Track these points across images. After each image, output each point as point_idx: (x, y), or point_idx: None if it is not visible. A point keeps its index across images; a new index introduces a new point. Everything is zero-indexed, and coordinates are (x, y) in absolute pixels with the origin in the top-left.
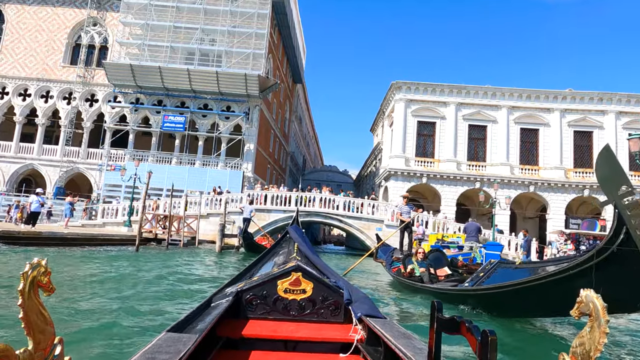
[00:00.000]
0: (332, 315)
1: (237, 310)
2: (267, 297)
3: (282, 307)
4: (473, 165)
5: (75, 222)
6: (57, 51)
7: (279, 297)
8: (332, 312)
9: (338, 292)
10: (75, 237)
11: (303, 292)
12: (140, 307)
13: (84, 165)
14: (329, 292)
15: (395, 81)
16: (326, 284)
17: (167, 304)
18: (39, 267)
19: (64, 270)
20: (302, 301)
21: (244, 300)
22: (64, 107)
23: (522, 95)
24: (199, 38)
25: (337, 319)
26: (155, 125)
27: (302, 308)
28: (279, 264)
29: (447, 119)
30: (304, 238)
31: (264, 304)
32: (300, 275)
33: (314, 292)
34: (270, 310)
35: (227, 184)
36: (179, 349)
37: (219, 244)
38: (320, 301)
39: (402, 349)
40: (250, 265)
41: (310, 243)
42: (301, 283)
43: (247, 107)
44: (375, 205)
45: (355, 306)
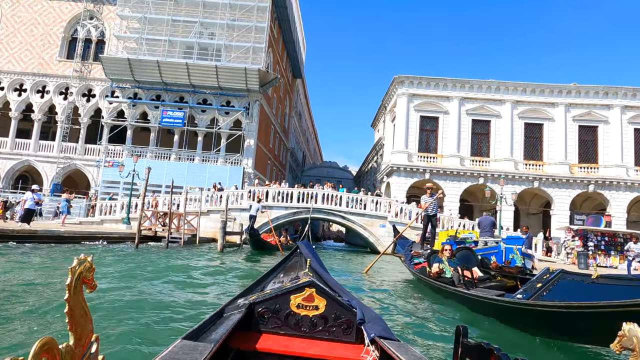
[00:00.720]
0: (344, 334)
1: (249, 322)
2: (279, 311)
3: (294, 323)
4: (476, 161)
5: (72, 219)
6: (53, 45)
7: (292, 312)
8: (344, 331)
9: (351, 311)
10: (72, 235)
11: (316, 309)
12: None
13: (81, 161)
14: (342, 310)
15: (398, 75)
16: (339, 301)
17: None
18: (85, 262)
19: (55, 268)
20: (314, 318)
21: (256, 312)
22: (61, 103)
23: (526, 89)
24: (197, 32)
25: (349, 339)
26: (154, 121)
27: (314, 325)
28: (292, 278)
29: (450, 114)
30: (315, 254)
31: (276, 317)
32: (314, 291)
33: (327, 309)
34: (282, 325)
35: (227, 180)
36: (195, 357)
37: (221, 242)
38: (332, 319)
39: None
40: (261, 278)
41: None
42: (314, 299)
43: (247, 102)
44: (378, 201)
45: (368, 326)
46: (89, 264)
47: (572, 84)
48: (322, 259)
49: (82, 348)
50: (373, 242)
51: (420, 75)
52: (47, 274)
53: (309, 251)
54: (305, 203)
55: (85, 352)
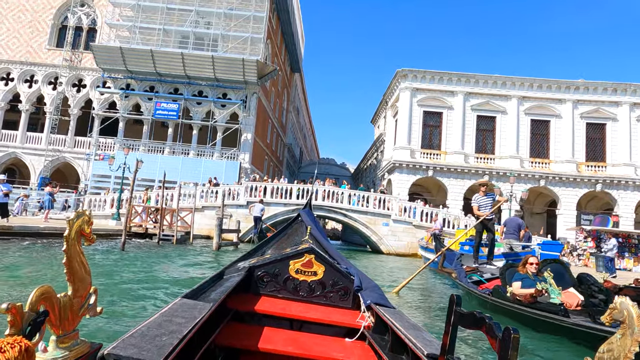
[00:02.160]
0: (340, 300)
1: (248, 285)
2: (278, 276)
3: (292, 287)
4: (481, 158)
5: (59, 214)
6: (42, 33)
7: (290, 276)
8: (341, 297)
9: (348, 278)
10: (53, 231)
11: (314, 275)
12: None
13: (70, 154)
14: (340, 277)
15: (401, 69)
16: (338, 268)
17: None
18: (84, 216)
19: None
20: (312, 283)
21: (255, 276)
22: (50, 93)
23: (533, 84)
24: (193, 21)
25: (346, 304)
26: (147, 113)
27: (312, 290)
28: (291, 244)
29: (454, 109)
30: (316, 222)
31: (274, 282)
32: (313, 257)
33: (325, 276)
34: (280, 289)
35: (223, 175)
36: (194, 315)
37: (217, 241)
38: (330, 285)
39: (411, 339)
40: (262, 243)
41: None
42: (313, 265)
43: (245, 94)
44: (381, 198)
45: (365, 293)
46: (87, 217)
47: (580, 80)
48: None
49: (81, 299)
50: (375, 241)
51: (424, 69)
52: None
53: (310, 219)
54: (304, 199)
55: (83, 302)
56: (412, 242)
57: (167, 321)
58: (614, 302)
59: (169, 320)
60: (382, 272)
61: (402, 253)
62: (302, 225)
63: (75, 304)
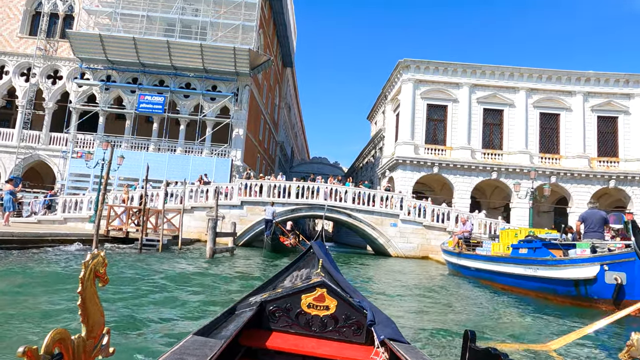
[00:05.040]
0: (353, 335)
1: (260, 320)
2: (290, 311)
3: (304, 322)
4: (489, 154)
5: (26, 217)
6: (13, 20)
7: (302, 311)
8: (354, 332)
9: (361, 312)
10: (9, 237)
11: (326, 309)
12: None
13: (45, 152)
14: (353, 311)
15: (403, 59)
16: (350, 302)
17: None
18: (98, 257)
19: None
20: (324, 318)
21: (267, 311)
22: (22, 85)
23: (542, 76)
24: (180, 7)
25: (359, 340)
26: (130, 107)
27: (324, 325)
28: (303, 278)
29: (459, 102)
30: (328, 255)
31: (286, 317)
32: (325, 291)
33: (337, 310)
34: (292, 324)
35: (214, 173)
36: (205, 352)
37: (210, 247)
38: (342, 319)
39: None
40: (273, 277)
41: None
42: (325, 299)
43: (236, 86)
44: (389, 197)
45: (379, 328)
46: (101, 258)
47: (591, 71)
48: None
49: (94, 340)
50: (383, 243)
51: (428, 60)
52: None
53: (322, 251)
54: (305, 199)
55: (97, 343)
56: (423, 245)
57: (179, 359)
58: (631, 339)
59: (180, 359)
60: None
61: (412, 256)
62: (314, 258)
63: (88, 346)
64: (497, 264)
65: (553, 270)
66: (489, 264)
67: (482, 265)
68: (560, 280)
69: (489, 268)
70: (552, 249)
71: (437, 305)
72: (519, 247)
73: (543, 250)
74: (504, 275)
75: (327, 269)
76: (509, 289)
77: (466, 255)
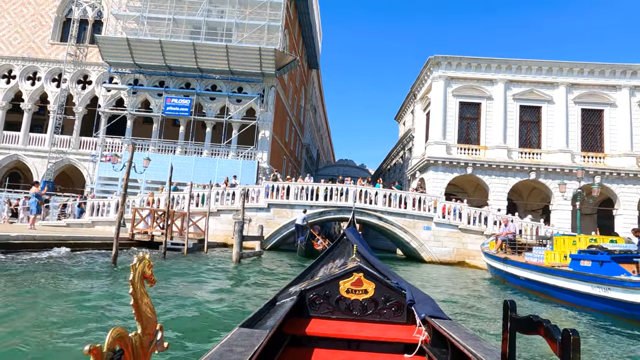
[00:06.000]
0: (394, 315)
1: (301, 309)
2: (329, 297)
3: (345, 307)
4: (526, 153)
5: (55, 221)
6: (45, 27)
7: (341, 297)
8: (395, 313)
9: (400, 293)
10: (32, 241)
11: (365, 293)
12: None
13: (75, 155)
14: (391, 292)
15: (434, 56)
16: (388, 284)
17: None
18: (144, 260)
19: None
20: (364, 301)
21: (307, 299)
22: (53, 90)
23: (584, 70)
24: (205, 9)
25: (400, 320)
26: (157, 110)
27: (364, 308)
28: (339, 265)
29: (494, 100)
30: (362, 241)
31: (326, 303)
32: (362, 275)
33: (376, 293)
34: (333, 310)
35: (240, 175)
36: (252, 343)
37: (237, 251)
38: (382, 302)
39: (471, 350)
40: (310, 266)
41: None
42: (363, 283)
43: (262, 88)
44: (421, 198)
45: (419, 307)
46: (147, 261)
47: (637, 63)
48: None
49: (149, 336)
50: (415, 247)
51: (460, 55)
52: None
53: (355, 237)
54: (333, 201)
55: (152, 339)
56: (459, 249)
57: (228, 351)
58: None
59: (229, 350)
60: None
61: (447, 261)
62: (348, 244)
63: (144, 342)
64: (554, 277)
65: (632, 294)
66: (543, 276)
67: (535, 277)
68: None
69: (544, 280)
70: (623, 262)
71: (494, 321)
72: (580, 259)
73: (612, 265)
74: (563, 290)
75: (362, 254)
76: (571, 305)
77: (514, 262)
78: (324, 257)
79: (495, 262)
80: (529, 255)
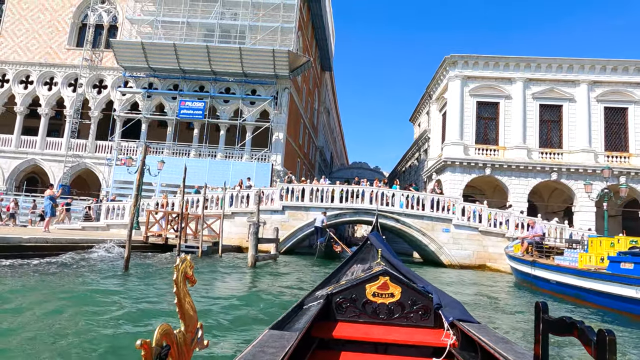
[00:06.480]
0: (421, 319)
1: (328, 312)
2: (356, 301)
3: (371, 311)
4: (547, 153)
5: (72, 224)
6: (61, 32)
7: (368, 300)
8: (422, 317)
9: (427, 297)
10: (43, 244)
11: (391, 296)
12: None
13: (91, 159)
14: (418, 296)
15: (450, 55)
16: (414, 288)
17: None
18: (186, 261)
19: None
20: (390, 305)
21: (334, 303)
22: (70, 95)
23: (606, 67)
24: (218, 12)
25: (427, 324)
26: (171, 113)
27: (391, 312)
28: (364, 269)
29: (512, 99)
30: (386, 245)
31: (353, 307)
32: (388, 279)
33: (403, 296)
34: (360, 313)
35: (254, 177)
36: (283, 344)
37: (252, 254)
38: (409, 305)
39: (502, 354)
40: (335, 271)
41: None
42: (389, 287)
43: (275, 90)
44: (439, 200)
45: (446, 311)
46: (189, 262)
47: None
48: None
49: (191, 334)
50: (434, 250)
51: (477, 54)
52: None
53: (379, 241)
54: (349, 203)
55: (193, 337)
56: (479, 252)
57: (260, 352)
58: None
59: (261, 351)
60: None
61: (467, 264)
62: (372, 248)
63: (187, 339)
64: (592, 280)
65: None
66: (579, 279)
67: (569, 280)
68: None
69: (580, 284)
70: None
71: (525, 325)
72: (620, 261)
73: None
74: (602, 294)
75: (387, 258)
76: (610, 309)
77: (545, 265)
78: (349, 262)
79: (522, 265)
80: (559, 259)
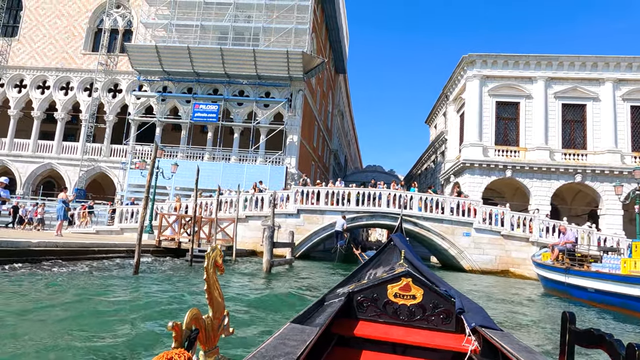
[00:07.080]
0: (442, 323)
1: (349, 310)
2: (377, 300)
3: (392, 311)
4: (570, 154)
5: (87, 227)
6: (77, 37)
7: (389, 300)
8: (443, 320)
9: (449, 301)
10: (53, 248)
11: (413, 298)
12: None
13: (106, 163)
14: (440, 299)
15: (468, 54)
16: (437, 291)
17: None
18: (217, 250)
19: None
20: (412, 307)
21: (355, 301)
22: (85, 100)
23: (632, 64)
24: (232, 15)
25: (448, 328)
26: (185, 116)
27: (412, 314)
28: (386, 270)
29: (533, 98)
30: (409, 247)
31: (374, 306)
32: (411, 281)
33: (424, 299)
34: (381, 313)
35: (268, 181)
36: (304, 338)
37: (267, 259)
38: (430, 308)
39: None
40: (357, 270)
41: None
42: (411, 289)
43: (289, 92)
44: (459, 203)
45: (468, 316)
46: (219, 251)
47: None
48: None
49: (218, 320)
50: (454, 255)
51: (496, 53)
52: None
53: (402, 243)
54: (365, 206)
55: (220, 323)
56: (502, 257)
57: (281, 344)
58: None
59: (282, 343)
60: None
61: (488, 270)
62: (395, 250)
63: (214, 325)
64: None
65: None
66: (627, 287)
67: (613, 287)
68: None
69: (627, 292)
70: None
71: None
72: None
73: None
74: None
75: (410, 260)
76: None
77: (582, 272)
78: (371, 262)
79: (552, 273)
80: (597, 266)
